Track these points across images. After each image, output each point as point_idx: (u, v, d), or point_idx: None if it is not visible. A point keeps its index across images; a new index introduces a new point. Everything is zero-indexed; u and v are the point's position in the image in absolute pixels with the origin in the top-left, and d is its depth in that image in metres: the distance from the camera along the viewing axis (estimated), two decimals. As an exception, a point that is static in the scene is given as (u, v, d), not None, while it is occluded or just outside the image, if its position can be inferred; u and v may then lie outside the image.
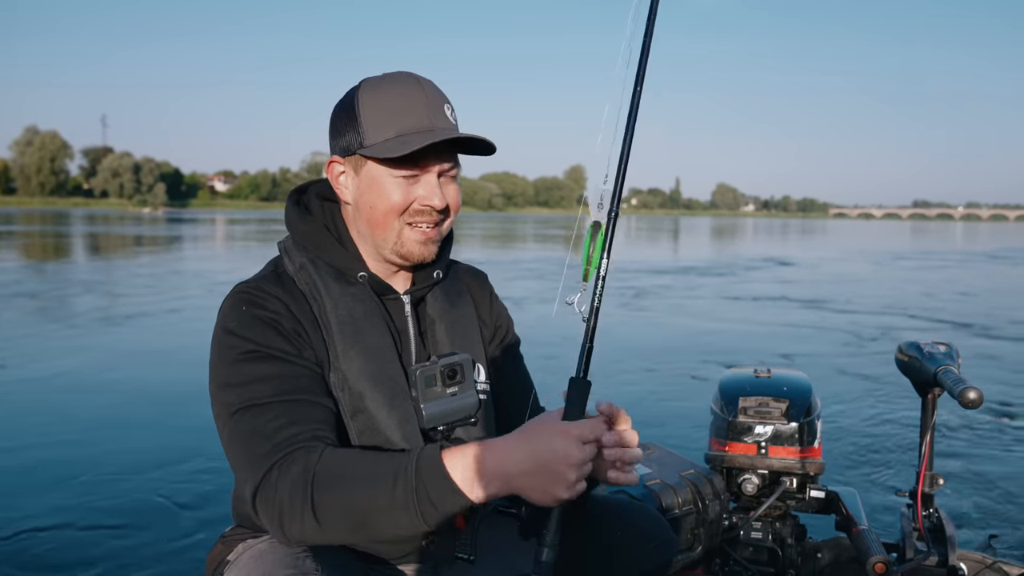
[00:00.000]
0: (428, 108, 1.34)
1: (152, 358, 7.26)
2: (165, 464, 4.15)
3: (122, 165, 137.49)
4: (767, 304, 12.15)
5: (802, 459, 2.32)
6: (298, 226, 1.43)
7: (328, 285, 1.38)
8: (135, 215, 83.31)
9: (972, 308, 11.90)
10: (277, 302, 1.32)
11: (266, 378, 1.25)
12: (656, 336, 8.83)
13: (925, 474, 2.30)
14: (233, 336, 1.28)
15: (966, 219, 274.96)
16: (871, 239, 48.28)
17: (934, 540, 2.24)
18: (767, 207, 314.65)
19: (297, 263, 1.40)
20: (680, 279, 16.38)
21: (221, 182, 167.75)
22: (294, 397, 1.24)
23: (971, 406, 1.93)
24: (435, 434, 1.38)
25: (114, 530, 3.31)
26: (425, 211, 1.36)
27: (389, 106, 1.33)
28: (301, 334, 1.32)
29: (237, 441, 1.23)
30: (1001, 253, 30.70)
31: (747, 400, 2.37)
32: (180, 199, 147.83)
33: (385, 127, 1.33)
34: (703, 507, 2.29)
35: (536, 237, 39.79)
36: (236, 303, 1.32)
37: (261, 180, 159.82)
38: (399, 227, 1.37)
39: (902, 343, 2.31)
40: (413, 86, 1.35)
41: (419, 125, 1.33)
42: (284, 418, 1.21)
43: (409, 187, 1.35)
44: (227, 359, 1.27)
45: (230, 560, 1.36)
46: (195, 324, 9.13)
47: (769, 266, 21.23)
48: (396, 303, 1.45)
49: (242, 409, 1.23)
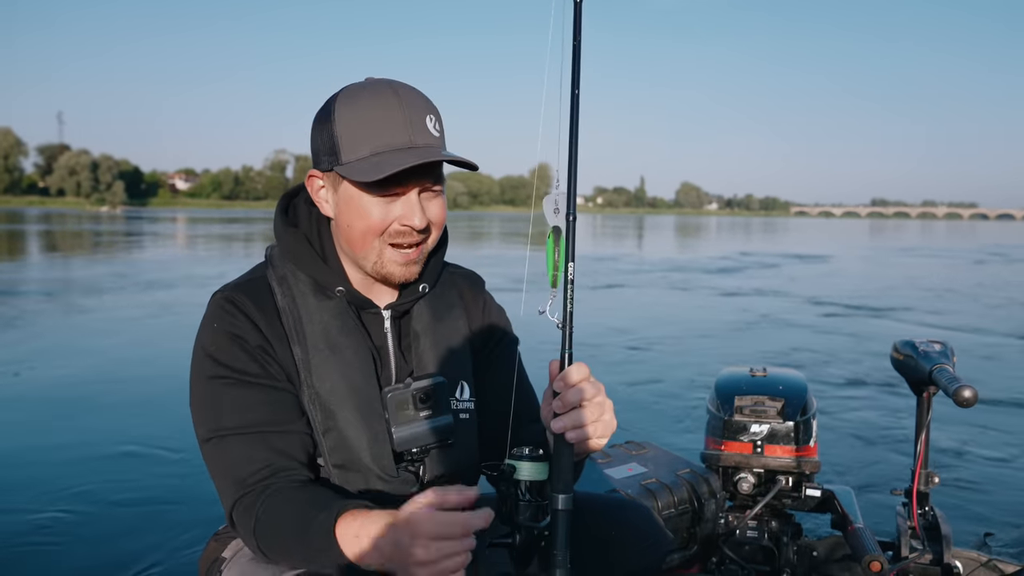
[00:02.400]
0: (407, 123, 1.27)
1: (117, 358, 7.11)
2: (151, 463, 4.14)
3: (79, 163, 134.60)
4: (761, 302, 12.27)
5: (798, 458, 2.33)
6: (283, 237, 1.40)
7: (306, 298, 1.35)
8: (93, 214, 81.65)
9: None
10: (243, 318, 1.31)
11: (231, 408, 1.28)
12: (656, 336, 8.87)
13: (920, 472, 2.32)
14: (205, 356, 1.30)
15: (922, 217, 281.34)
16: (864, 236, 48.99)
17: (930, 538, 2.26)
18: (730, 206, 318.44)
19: (280, 273, 1.38)
20: (679, 276, 16.49)
21: (182, 180, 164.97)
22: (255, 430, 1.27)
23: (966, 404, 1.94)
24: (408, 455, 1.36)
25: (102, 530, 3.28)
26: (405, 231, 1.31)
27: (365, 121, 1.27)
28: (268, 351, 1.31)
29: (211, 466, 1.30)
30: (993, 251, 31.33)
31: (743, 399, 2.37)
32: (140, 198, 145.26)
33: (360, 144, 1.27)
34: (699, 506, 2.29)
35: (502, 235, 39.74)
36: (210, 317, 1.33)
37: (223, 178, 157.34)
38: (379, 247, 1.32)
39: (897, 342, 2.33)
40: (390, 99, 1.28)
41: (396, 143, 1.27)
42: (244, 454, 1.26)
43: (388, 207, 1.30)
44: (199, 376, 1.31)
45: (226, 557, 1.38)
46: (170, 322, 8.96)
47: (788, 263, 21.60)
48: (376, 318, 1.41)
49: (210, 440, 1.28)
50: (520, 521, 1.17)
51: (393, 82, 1.32)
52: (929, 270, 20.08)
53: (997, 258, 26.46)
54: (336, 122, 1.29)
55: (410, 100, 1.29)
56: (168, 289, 12.79)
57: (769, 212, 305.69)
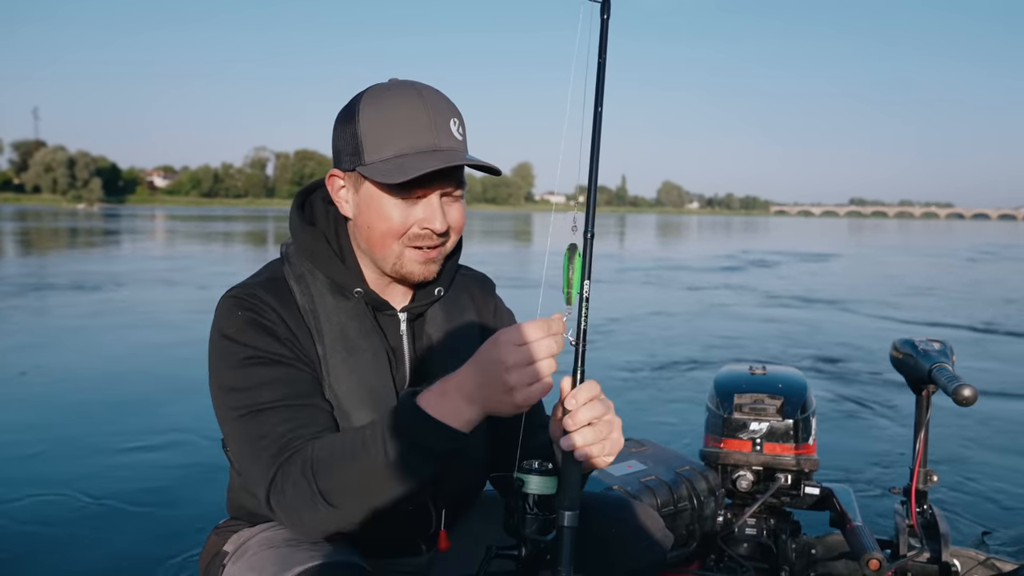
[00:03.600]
0: (431, 126, 1.26)
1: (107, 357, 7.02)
2: (146, 458, 4.13)
3: (55, 159, 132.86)
4: (765, 300, 12.33)
5: (797, 455, 2.33)
6: (299, 235, 1.39)
7: (324, 298, 1.34)
8: (70, 211, 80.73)
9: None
10: (271, 310, 1.29)
11: (269, 382, 1.24)
12: (658, 332, 8.88)
13: (919, 471, 2.33)
14: (232, 342, 1.27)
15: (899, 217, 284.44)
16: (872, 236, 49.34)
17: (928, 536, 2.27)
18: (711, 204, 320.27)
19: (297, 272, 1.36)
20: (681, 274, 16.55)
21: (161, 177, 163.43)
22: (297, 401, 1.24)
23: (965, 403, 1.94)
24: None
25: (96, 525, 3.26)
26: (425, 234, 1.31)
27: (390, 122, 1.26)
28: (295, 344, 1.29)
29: (244, 444, 1.24)
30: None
31: (742, 397, 2.38)
32: (117, 195, 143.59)
33: (384, 146, 1.26)
34: (698, 503, 2.28)
35: (483, 234, 39.71)
36: (231, 308, 1.30)
37: (202, 175, 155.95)
38: (399, 249, 1.32)
39: (897, 340, 2.34)
40: (415, 101, 1.27)
41: (420, 145, 1.26)
42: (289, 422, 1.22)
43: (409, 209, 1.29)
44: (228, 363, 1.27)
45: (228, 551, 1.37)
46: (166, 317, 8.86)
47: (795, 261, 21.61)
48: (392, 319, 1.40)
49: (248, 413, 1.23)
50: (526, 534, 1.17)
51: (417, 84, 1.31)
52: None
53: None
54: (360, 122, 1.28)
55: (435, 103, 1.28)
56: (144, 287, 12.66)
57: (749, 211, 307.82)
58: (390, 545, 1.45)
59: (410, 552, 1.47)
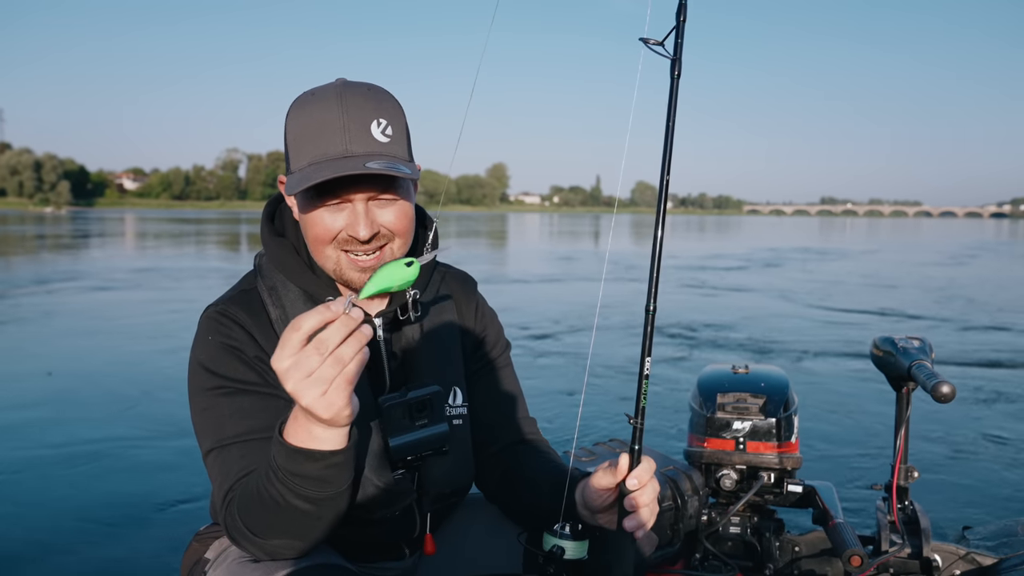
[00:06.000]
0: (343, 132, 1.23)
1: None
2: (127, 465, 4.09)
3: (21, 162, 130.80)
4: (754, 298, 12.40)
5: (779, 454, 2.34)
6: (270, 246, 1.39)
7: (296, 308, 1.34)
8: (36, 215, 79.44)
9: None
10: (239, 330, 1.31)
11: (231, 417, 1.27)
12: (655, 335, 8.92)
13: (900, 467, 2.34)
14: (203, 370, 1.30)
15: (869, 215, 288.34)
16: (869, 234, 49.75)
17: (909, 532, 2.29)
18: (684, 204, 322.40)
19: (269, 284, 1.37)
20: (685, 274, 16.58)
21: (130, 180, 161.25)
22: (257, 436, 1.26)
23: (944, 400, 1.96)
24: (403, 463, 1.36)
25: (80, 533, 3.23)
26: (352, 240, 1.29)
27: (305, 130, 1.26)
28: (265, 361, 1.30)
29: (211, 475, 1.30)
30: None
31: (725, 396, 2.38)
32: (86, 198, 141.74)
33: (301, 154, 1.26)
34: (682, 503, 2.28)
35: (458, 234, 39.62)
36: (204, 331, 1.33)
37: (173, 178, 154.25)
38: (335, 255, 1.31)
39: (876, 338, 2.36)
40: (332, 105, 1.24)
41: (331, 152, 1.23)
42: (245, 459, 1.25)
43: (334, 216, 1.28)
44: (197, 390, 1.32)
45: (209, 558, 1.38)
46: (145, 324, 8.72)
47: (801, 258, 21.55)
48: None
49: (213, 449, 1.28)
50: None
51: (345, 85, 1.28)
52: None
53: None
54: (287, 131, 1.29)
55: (354, 106, 1.25)
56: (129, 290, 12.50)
57: (722, 210, 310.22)
58: (373, 549, 1.44)
59: (394, 556, 1.46)
